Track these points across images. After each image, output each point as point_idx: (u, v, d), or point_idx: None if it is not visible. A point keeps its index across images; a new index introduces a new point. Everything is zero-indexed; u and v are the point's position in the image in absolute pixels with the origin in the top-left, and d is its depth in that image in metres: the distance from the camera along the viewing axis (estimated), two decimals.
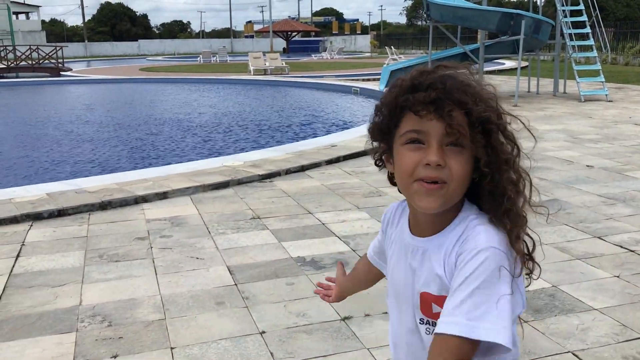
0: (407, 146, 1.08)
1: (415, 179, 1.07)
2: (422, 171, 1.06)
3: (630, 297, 3.34)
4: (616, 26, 30.44)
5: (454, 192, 1.07)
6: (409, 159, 1.07)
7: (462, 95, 1.04)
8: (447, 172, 1.05)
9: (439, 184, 1.05)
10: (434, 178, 1.05)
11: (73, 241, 4.49)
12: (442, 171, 1.05)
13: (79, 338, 3.01)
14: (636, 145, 7.91)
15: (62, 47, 31.10)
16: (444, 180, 1.05)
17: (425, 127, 1.05)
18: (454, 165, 1.05)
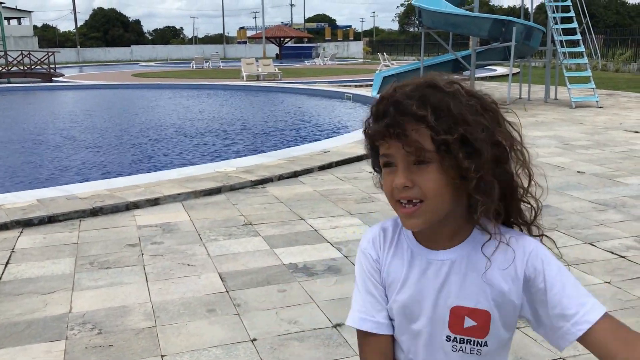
0: (384, 170, 1.10)
1: (396, 200, 1.08)
2: (395, 193, 1.07)
3: (622, 303, 3.35)
4: (606, 33, 30.68)
5: (434, 208, 1.06)
6: (386, 183, 1.10)
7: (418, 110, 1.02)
8: (418, 190, 1.04)
9: (415, 204, 1.05)
10: (406, 198, 1.06)
11: (63, 248, 4.46)
12: (411, 191, 1.05)
13: (69, 346, 2.98)
14: (627, 152, 7.96)
15: (54, 52, 31.03)
16: (419, 198, 1.05)
17: (391, 151, 1.06)
18: (422, 182, 1.04)
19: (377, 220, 4.98)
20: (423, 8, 14.20)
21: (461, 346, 1.11)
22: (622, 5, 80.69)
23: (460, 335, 1.11)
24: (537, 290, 1.07)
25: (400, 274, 1.16)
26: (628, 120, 11.12)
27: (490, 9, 70.06)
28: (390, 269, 1.18)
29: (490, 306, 1.09)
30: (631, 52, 26.96)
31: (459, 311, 1.10)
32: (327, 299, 3.47)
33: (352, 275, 3.83)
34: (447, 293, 1.11)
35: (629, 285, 3.60)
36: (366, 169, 7.05)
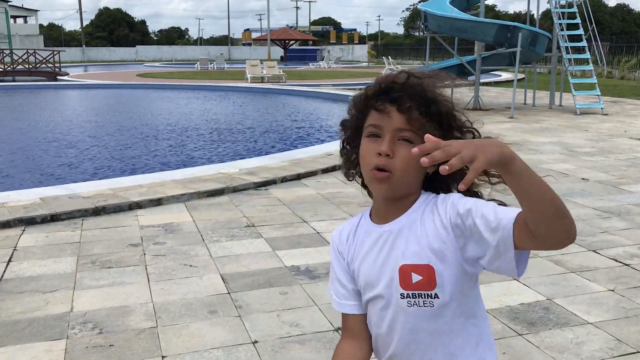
0: (367, 139, 1.24)
1: (371, 168, 1.21)
2: (374, 159, 1.21)
3: (625, 312, 3.33)
4: (612, 40, 30.61)
5: (399, 180, 1.21)
6: (368, 149, 1.23)
7: (419, 94, 1.19)
8: (394, 162, 1.19)
9: (386, 173, 1.20)
10: (381, 166, 1.20)
11: (65, 247, 4.46)
12: (390, 161, 1.20)
13: (69, 345, 2.97)
14: (631, 159, 7.93)
15: (60, 51, 31.08)
16: (389, 169, 1.20)
17: (381, 122, 1.21)
18: (399, 157, 1.19)
19: None
20: (429, 12, 14.19)
21: (415, 300, 1.23)
22: (629, 12, 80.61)
23: (411, 290, 1.23)
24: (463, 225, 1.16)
25: (359, 252, 1.32)
26: (633, 127, 11.08)
27: (496, 14, 70.03)
28: (351, 251, 1.35)
29: (429, 259, 1.21)
30: (637, 59, 26.90)
31: (405, 269, 1.24)
32: (328, 302, 3.44)
33: None
34: (395, 257, 1.25)
35: (632, 294, 3.58)
36: None
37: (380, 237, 1.28)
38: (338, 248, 1.38)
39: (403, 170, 1.20)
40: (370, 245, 1.30)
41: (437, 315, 1.24)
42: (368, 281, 1.30)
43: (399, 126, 1.19)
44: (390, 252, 1.26)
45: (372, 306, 1.31)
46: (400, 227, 1.26)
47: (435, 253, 1.20)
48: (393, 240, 1.26)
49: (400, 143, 1.19)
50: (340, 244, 1.38)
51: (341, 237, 1.38)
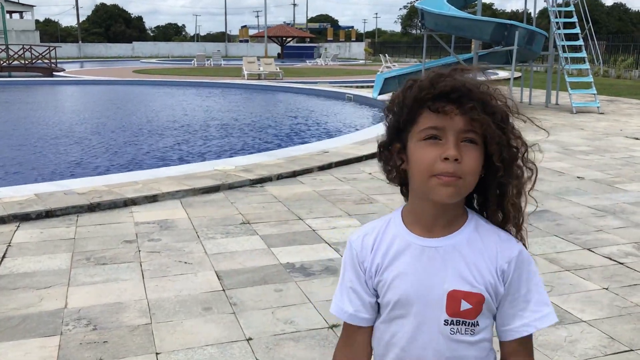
0: (425, 142, 1.13)
1: (433, 174, 1.11)
2: (440, 166, 1.11)
3: (619, 310, 3.34)
4: (608, 39, 30.64)
5: (468, 186, 1.13)
6: (427, 154, 1.12)
7: (482, 93, 1.13)
8: (463, 167, 1.11)
9: (455, 177, 1.11)
10: (451, 173, 1.10)
11: (60, 243, 4.45)
12: (459, 166, 1.10)
13: (63, 342, 2.96)
14: (626, 158, 7.95)
15: (56, 47, 31.02)
16: (459, 175, 1.11)
17: (442, 124, 1.11)
18: (468, 160, 1.11)
19: None
20: (426, 10, 14.18)
21: (458, 328, 1.18)
22: (625, 12, 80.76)
23: (456, 317, 1.17)
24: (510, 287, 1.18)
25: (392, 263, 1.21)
26: (628, 126, 11.11)
27: (493, 12, 70.07)
28: (377, 260, 1.22)
29: (482, 290, 1.17)
30: (633, 58, 26.94)
31: (456, 295, 1.16)
32: (323, 299, 3.46)
33: None
34: (442, 278, 1.17)
35: (626, 292, 3.59)
36: (365, 170, 7.04)
37: (424, 252, 1.19)
38: (358, 256, 1.25)
39: (472, 173, 1.12)
40: (412, 259, 1.19)
41: (474, 343, 1.20)
42: (403, 299, 1.19)
43: (463, 127, 1.11)
44: (438, 272, 1.17)
45: (399, 325, 1.21)
46: (453, 245, 1.18)
47: (487, 284, 1.17)
48: (443, 259, 1.18)
49: (465, 145, 1.12)
50: (362, 252, 1.24)
51: (364, 244, 1.25)
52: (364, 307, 1.25)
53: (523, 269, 1.18)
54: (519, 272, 1.18)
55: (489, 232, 1.20)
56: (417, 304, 1.19)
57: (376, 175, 6.79)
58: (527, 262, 1.19)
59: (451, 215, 1.19)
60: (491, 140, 1.12)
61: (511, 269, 1.18)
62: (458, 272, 1.17)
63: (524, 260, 1.19)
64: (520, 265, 1.18)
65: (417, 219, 1.21)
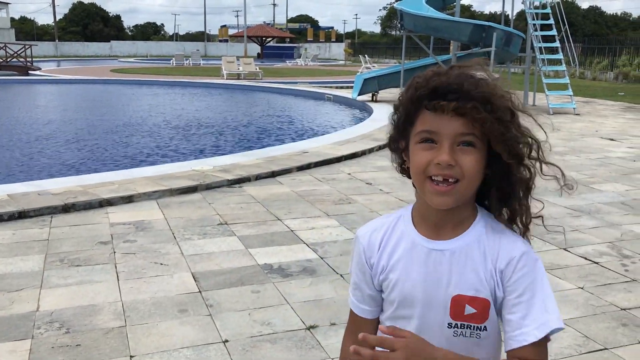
0: (420, 145, 1.11)
1: (427, 176, 1.10)
2: (433, 169, 1.09)
3: (593, 309, 3.37)
4: (584, 42, 31.06)
5: (466, 189, 1.10)
6: (421, 157, 1.11)
7: (481, 93, 1.08)
8: (459, 170, 1.08)
9: (450, 184, 1.09)
10: (444, 176, 1.08)
11: (33, 244, 4.36)
12: (453, 170, 1.08)
13: (34, 345, 2.90)
14: (602, 159, 8.06)
15: (32, 45, 30.51)
16: (456, 177, 1.08)
17: (437, 127, 1.08)
18: (465, 163, 1.08)
19: (354, 222, 4.96)
20: (405, 11, 14.24)
21: (462, 331, 1.16)
22: (600, 15, 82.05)
23: (460, 321, 1.15)
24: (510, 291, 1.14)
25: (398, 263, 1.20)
26: (604, 127, 11.27)
27: (472, 14, 70.66)
28: (384, 259, 1.22)
29: (488, 294, 1.14)
30: (608, 61, 27.36)
31: (460, 300, 1.15)
32: (301, 300, 3.44)
33: (328, 277, 3.80)
34: (447, 282, 1.15)
35: (601, 291, 3.63)
36: (344, 170, 7.03)
37: (431, 254, 1.17)
38: (365, 252, 1.25)
39: (470, 177, 1.09)
40: (418, 262, 1.18)
41: (479, 346, 1.17)
42: (407, 299, 1.19)
43: (460, 131, 1.08)
44: (443, 276, 1.16)
45: (403, 325, 1.19)
46: (459, 248, 1.16)
47: (493, 288, 1.14)
48: (448, 263, 1.15)
49: (461, 149, 1.08)
50: (369, 248, 1.24)
51: (372, 241, 1.24)
52: (365, 301, 1.27)
53: (526, 272, 1.13)
54: (521, 275, 1.12)
55: (495, 232, 1.17)
56: (421, 306, 1.18)
57: (355, 175, 6.79)
58: (531, 264, 1.14)
59: (458, 217, 1.17)
60: (495, 139, 1.09)
61: (510, 270, 1.13)
62: (463, 276, 1.15)
63: (527, 263, 1.14)
64: (523, 267, 1.13)
65: (424, 219, 1.19)
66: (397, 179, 6.62)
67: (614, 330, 3.11)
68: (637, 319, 3.25)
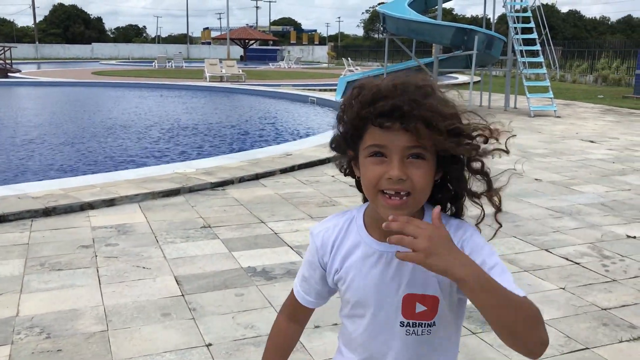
0: (370, 159, 1.11)
1: (380, 190, 1.11)
2: (384, 183, 1.10)
3: (575, 309, 3.41)
4: (564, 45, 31.45)
5: (418, 201, 1.12)
6: (372, 172, 1.11)
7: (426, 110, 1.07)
8: (410, 183, 1.09)
9: (403, 197, 1.09)
10: (396, 190, 1.09)
11: (13, 248, 4.30)
12: (404, 184, 1.09)
13: (14, 351, 2.86)
14: (582, 160, 8.15)
15: (11, 47, 30.10)
16: (408, 190, 1.09)
17: (386, 141, 1.09)
18: (416, 176, 1.09)
19: None
20: (387, 14, 14.31)
21: (414, 329, 1.19)
22: (580, 19, 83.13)
23: (411, 319, 1.18)
24: None
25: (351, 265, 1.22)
26: (584, 130, 11.40)
27: (454, 17, 71.22)
28: (338, 260, 1.24)
29: (437, 290, 1.16)
30: (587, 64, 27.72)
31: (410, 298, 1.17)
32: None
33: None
34: (398, 282, 1.17)
35: (582, 291, 3.66)
36: (328, 172, 7.03)
37: (382, 257, 1.18)
38: (318, 251, 1.27)
39: (421, 190, 1.10)
40: (370, 264, 1.20)
41: (431, 340, 1.20)
42: (361, 300, 1.22)
43: (408, 144, 1.08)
44: (394, 277, 1.17)
45: (357, 322, 1.25)
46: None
47: (441, 284, 1.16)
48: (399, 263, 1.16)
49: (411, 161, 1.09)
50: (322, 248, 1.27)
51: (324, 241, 1.26)
52: (311, 293, 1.33)
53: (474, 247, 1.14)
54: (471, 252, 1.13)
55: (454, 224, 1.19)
56: (374, 307, 1.21)
57: (339, 177, 6.79)
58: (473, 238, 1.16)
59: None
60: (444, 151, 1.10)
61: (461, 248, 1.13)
62: (413, 276, 1.17)
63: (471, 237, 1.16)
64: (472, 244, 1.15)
65: (376, 223, 1.19)
66: None
67: (595, 330, 3.15)
68: (618, 318, 3.29)
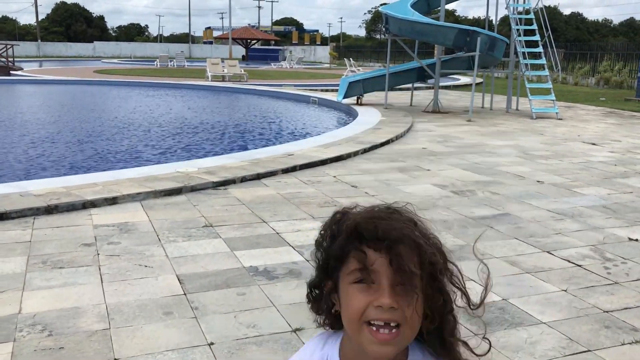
0: (356, 286, 0.99)
1: (365, 321, 0.98)
2: (372, 313, 0.97)
3: (577, 311, 3.41)
4: (567, 47, 31.45)
5: (408, 336, 1.00)
6: (358, 301, 0.98)
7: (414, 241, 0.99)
8: (401, 313, 0.97)
9: (393, 330, 0.98)
10: (386, 320, 0.97)
11: (15, 246, 4.31)
12: (396, 313, 0.97)
13: (16, 348, 2.86)
14: (584, 163, 8.15)
15: (13, 45, 30.14)
16: (398, 322, 0.98)
17: (375, 267, 0.97)
18: (408, 308, 0.97)
19: None
20: (390, 15, 14.30)
21: None
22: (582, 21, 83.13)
23: None
24: None
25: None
26: (586, 132, 11.40)
27: (456, 19, 71.19)
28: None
29: None
30: (589, 66, 27.71)
31: None
32: (287, 303, 3.43)
33: None
34: None
35: (584, 294, 3.66)
36: (330, 173, 7.04)
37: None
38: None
39: (414, 322, 0.99)
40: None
41: None
42: None
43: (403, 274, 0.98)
44: None
45: None
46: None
47: None
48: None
49: (403, 289, 0.98)
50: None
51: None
52: None
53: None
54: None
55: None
56: None
57: (340, 178, 6.80)
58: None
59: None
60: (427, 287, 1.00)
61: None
62: None
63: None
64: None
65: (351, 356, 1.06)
66: (382, 182, 6.65)
67: (597, 333, 3.15)
68: (620, 321, 3.29)
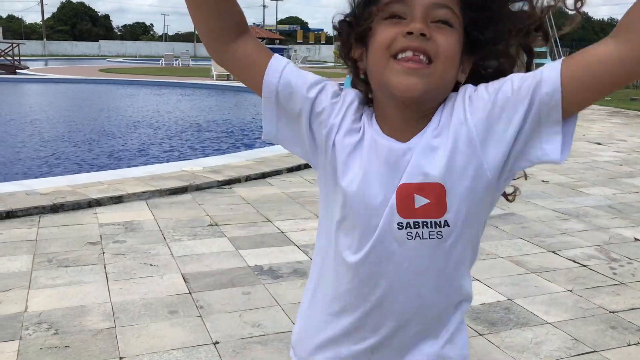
0: (386, 21, 0.92)
1: (393, 54, 0.90)
2: (400, 42, 0.89)
3: (582, 312, 3.40)
4: (572, 46, 31.36)
5: (441, 74, 0.90)
6: (387, 32, 0.91)
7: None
8: (433, 45, 0.89)
9: (422, 63, 0.89)
10: (415, 49, 0.88)
11: (21, 244, 4.32)
12: (427, 43, 0.89)
13: (22, 347, 2.87)
14: (589, 162, 8.12)
15: (19, 44, 30.23)
16: (429, 55, 0.89)
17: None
18: (441, 40, 0.89)
19: None
20: None
21: (417, 232, 0.93)
22: (588, 20, 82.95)
23: (412, 218, 0.93)
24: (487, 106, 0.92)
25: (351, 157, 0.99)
26: (591, 132, 11.36)
27: None
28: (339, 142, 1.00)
29: (441, 175, 0.91)
30: None
31: (406, 190, 0.92)
32: (292, 302, 3.43)
33: None
34: (394, 174, 0.94)
35: (589, 294, 3.65)
36: None
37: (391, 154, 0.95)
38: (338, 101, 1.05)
39: (445, 57, 0.90)
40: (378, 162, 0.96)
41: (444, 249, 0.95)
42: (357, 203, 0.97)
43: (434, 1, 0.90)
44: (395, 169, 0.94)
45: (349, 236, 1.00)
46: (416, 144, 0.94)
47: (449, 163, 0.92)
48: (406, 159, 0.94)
49: (438, 26, 0.90)
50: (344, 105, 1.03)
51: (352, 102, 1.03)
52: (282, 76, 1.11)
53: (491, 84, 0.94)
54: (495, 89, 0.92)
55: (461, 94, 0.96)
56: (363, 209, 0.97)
57: None
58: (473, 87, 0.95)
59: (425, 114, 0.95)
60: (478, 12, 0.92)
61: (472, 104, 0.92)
62: (414, 164, 0.93)
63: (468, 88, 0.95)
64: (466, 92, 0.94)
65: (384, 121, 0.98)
66: None
67: (603, 333, 3.14)
68: (626, 321, 3.28)
